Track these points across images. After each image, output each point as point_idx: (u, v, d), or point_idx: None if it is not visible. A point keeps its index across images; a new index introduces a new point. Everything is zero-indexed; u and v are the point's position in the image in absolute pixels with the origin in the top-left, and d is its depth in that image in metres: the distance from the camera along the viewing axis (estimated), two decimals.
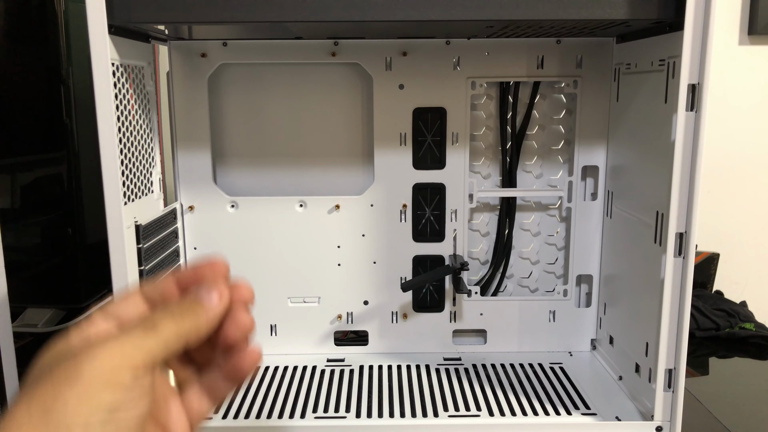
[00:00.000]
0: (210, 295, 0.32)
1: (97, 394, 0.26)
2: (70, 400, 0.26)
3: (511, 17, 0.53)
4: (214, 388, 0.34)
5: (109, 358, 0.27)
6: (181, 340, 0.30)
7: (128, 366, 0.27)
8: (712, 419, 0.68)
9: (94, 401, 0.26)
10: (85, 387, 0.26)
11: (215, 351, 0.34)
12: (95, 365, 0.27)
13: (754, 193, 1.11)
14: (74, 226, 0.83)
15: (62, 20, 0.78)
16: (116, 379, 0.27)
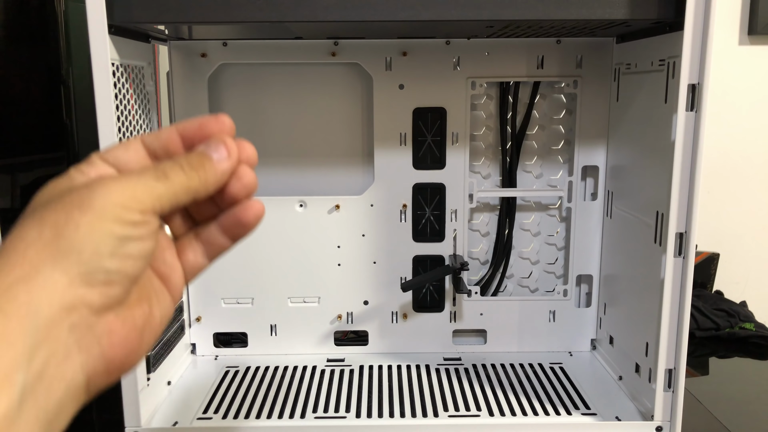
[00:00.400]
0: (219, 151, 0.32)
1: (109, 224, 0.26)
2: (81, 225, 0.26)
3: (511, 17, 0.53)
4: (211, 243, 0.34)
5: (121, 194, 0.27)
6: (190, 194, 0.30)
7: (138, 206, 0.27)
8: (712, 419, 0.68)
9: (105, 230, 0.26)
10: (97, 215, 0.26)
11: (215, 207, 0.34)
12: (107, 198, 0.26)
13: (754, 193, 1.11)
14: None
15: (62, 20, 0.78)
16: (127, 216, 0.27)
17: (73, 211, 0.26)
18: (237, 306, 0.76)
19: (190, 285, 0.76)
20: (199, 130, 0.34)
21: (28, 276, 0.25)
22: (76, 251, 0.25)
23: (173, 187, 0.29)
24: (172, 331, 0.70)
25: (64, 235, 0.26)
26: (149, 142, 0.32)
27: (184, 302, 0.75)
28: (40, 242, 0.25)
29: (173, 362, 0.70)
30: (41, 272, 0.25)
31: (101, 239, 0.26)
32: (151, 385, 0.63)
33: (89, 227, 0.26)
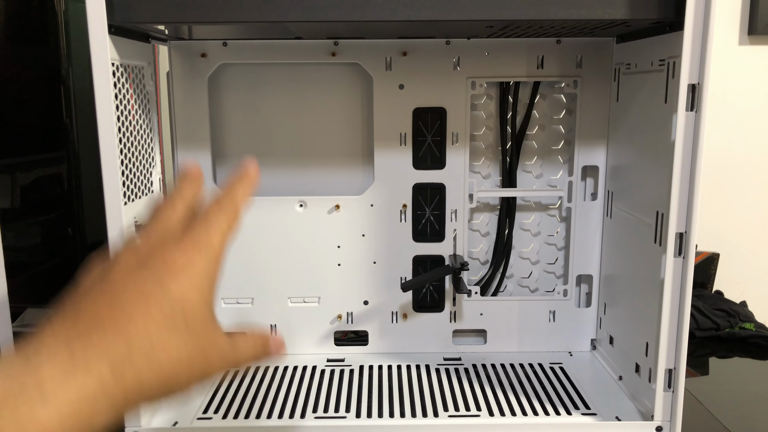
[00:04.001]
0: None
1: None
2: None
3: (511, 17, 0.53)
4: None
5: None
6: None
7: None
8: (712, 419, 0.68)
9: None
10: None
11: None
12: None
13: (754, 193, 1.11)
14: (74, 226, 0.83)
15: (62, 20, 0.78)
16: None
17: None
18: (237, 306, 0.76)
19: None
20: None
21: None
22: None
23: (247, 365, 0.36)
24: None
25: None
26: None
27: None
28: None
29: None
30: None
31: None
32: None
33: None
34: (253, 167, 0.39)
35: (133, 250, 0.33)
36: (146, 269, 0.31)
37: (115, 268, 0.32)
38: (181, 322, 0.31)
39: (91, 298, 0.30)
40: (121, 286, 0.30)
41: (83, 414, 0.26)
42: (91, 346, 0.28)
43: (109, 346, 0.28)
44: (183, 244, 0.33)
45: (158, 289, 0.30)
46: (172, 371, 0.30)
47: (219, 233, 0.34)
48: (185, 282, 0.31)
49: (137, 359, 0.28)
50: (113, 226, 0.55)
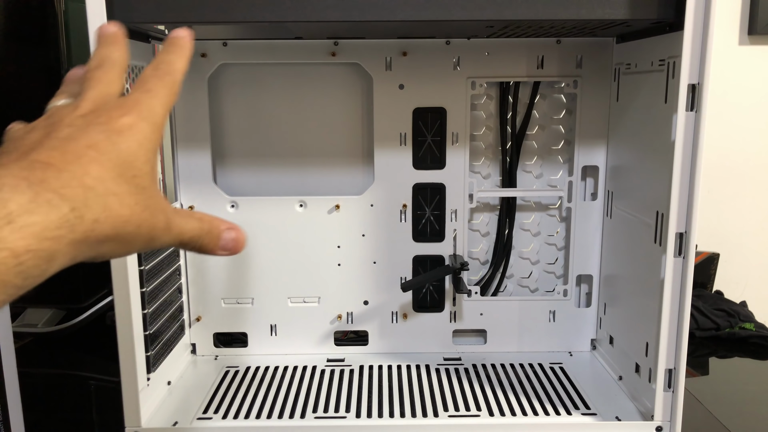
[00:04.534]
0: (228, 239, 0.36)
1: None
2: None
3: (511, 17, 0.53)
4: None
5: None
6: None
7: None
8: (712, 419, 0.68)
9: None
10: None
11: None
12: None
13: (754, 193, 1.11)
14: None
15: (62, 20, 0.78)
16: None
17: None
18: (237, 306, 0.76)
19: (190, 285, 0.76)
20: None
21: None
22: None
23: (188, 247, 0.35)
24: (172, 331, 0.70)
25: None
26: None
27: (184, 302, 0.75)
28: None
29: (173, 362, 0.70)
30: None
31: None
32: (151, 385, 0.63)
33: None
34: (184, 31, 0.38)
35: (74, 107, 0.33)
36: (92, 125, 0.31)
37: (59, 121, 0.32)
38: (129, 175, 0.31)
39: (39, 145, 0.30)
40: (70, 136, 0.30)
41: (45, 248, 0.26)
42: (50, 187, 0.27)
43: (67, 188, 0.28)
44: (126, 106, 0.33)
45: (107, 143, 0.30)
46: (122, 222, 0.30)
47: (159, 101, 0.34)
48: (132, 140, 0.31)
49: (93, 204, 0.28)
50: None
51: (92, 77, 0.36)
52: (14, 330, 0.64)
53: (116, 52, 0.38)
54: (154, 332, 0.64)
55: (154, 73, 0.36)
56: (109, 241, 0.30)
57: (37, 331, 0.85)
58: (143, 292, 0.61)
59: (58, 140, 0.30)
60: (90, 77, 0.36)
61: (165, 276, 0.68)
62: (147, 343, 0.62)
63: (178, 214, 0.34)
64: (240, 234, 0.36)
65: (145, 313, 0.62)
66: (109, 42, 0.39)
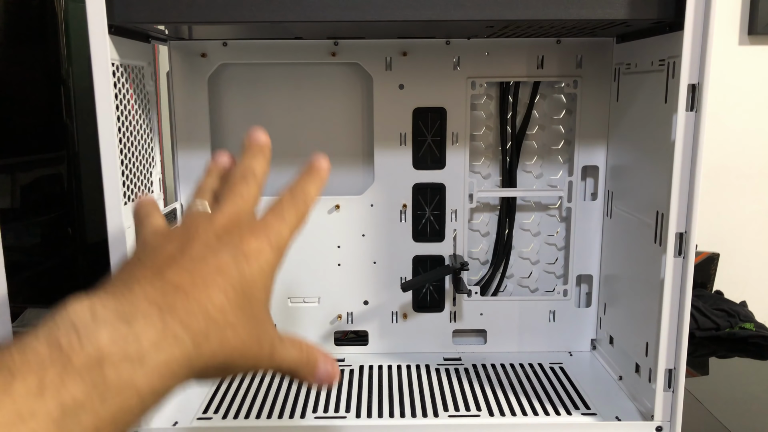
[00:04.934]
0: (322, 372, 0.38)
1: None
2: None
3: (511, 17, 0.53)
4: None
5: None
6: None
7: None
8: (712, 419, 0.68)
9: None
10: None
11: None
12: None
13: (754, 193, 1.11)
14: (74, 226, 0.83)
15: (62, 20, 0.78)
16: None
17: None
18: None
19: None
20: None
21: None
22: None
23: (286, 374, 0.37)
24: None
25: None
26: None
27: None
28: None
29: None
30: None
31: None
32: None
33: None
34: (325, 162, 0.40)
35: (210, 221, 0.34)
36: (224, 245, 0.32)
37: (195, 236, 0.33)
38: (247, 304, 0.31)
39: (174, 262, 0.31)
40: (201, 258, 0.31)
41: (165, 385, 0.27)
42: (177, 316, 0.28)
43: (192, 319, 0.28)
44: (257, 230, 0.34)
45: (234, 267, 0.31)
46: (233, 354, 0.30)
47: (288, 229, 0.36)
48: (256, 266, 0.32)
49: (213, 337, 0.29)
50: (113, 226, 0.55)
51: (234, 190, 0.37)
52: (14, 330, 0.64)
53: (261, 165, 0.40)
54: None
55: (290, 201, 0.38)
56: (215, 370, 0.30)
57: None
58: None
59: (190, 260, 0.31)
60: (232, 189, 0.37)
61: None
62: None
63: (283, 343, 0.35)
64: (335, 368, 0.37)
65: None
66: (256, 152, 0.41)
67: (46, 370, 0.24)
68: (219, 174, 0.40)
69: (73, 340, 0.25)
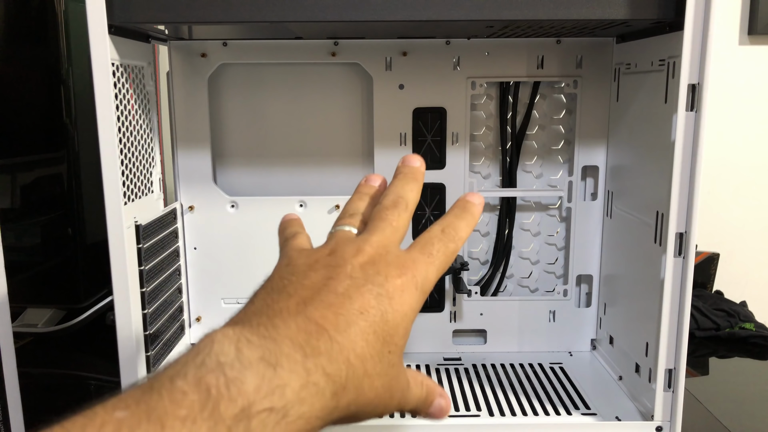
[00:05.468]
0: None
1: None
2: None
3: (511, 17, 0.53)
4: None
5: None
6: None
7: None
8: (712, 419, 0.68)
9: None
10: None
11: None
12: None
13: (755, 193, 1.11)
14: (74, 226, 0.83)
15: (62, 20, 0.78)
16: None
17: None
18: (237, 306, 0.76)
19: (190, 285, 0.76)
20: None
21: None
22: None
23: (408, 411, 0.34)
24: (172, 331, 0.70)
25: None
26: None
27: (184, 302, 0.75)
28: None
29: None
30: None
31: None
32: None
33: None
34: (479, 198, 0.38)
35: (357, 249, 0.33)
36: (369, 280, 0.31)
37: (341, 265, 0.32)
38: (385, 352, 0.30)
39: (317, 296, 0.30)
40: (346, 294, 0.30)
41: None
42: (320, 363, 0.27)
43: (333, 365, 0.27)
44: (404, 267, 0.32)
45: (377, 309, 0.30)
46: (365, 405, 0.29)
47: (435, 269, 0.34)
48: (399, 309, 0.31)
49: (350, 386, 0.28)
50: (113, 226, 0.55)
51: (383, 216, 0.36)
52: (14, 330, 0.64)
53: (413, 192, 0.39)
54: (154, 332, 0.64)
55: (441, 237, 0.37)
56: (341, 420, 0.29)
57: (37, 331, 0.85)
58: (143, 292, 0.61)
59: (335, 295, 0.30)
60: (381, 215, 0.36)
61: (165, 276, 0.68)
62: (147, 343, 0.62)
63: (410, 389, 0.33)
64: (448, 404, 0.36)
65: (145, 313, 0.62)
66: (410, 179, 0.40)
67: (196, 422, 0.23)
68: (370, 196, 0.39)
69: (221, 384, 0.24)
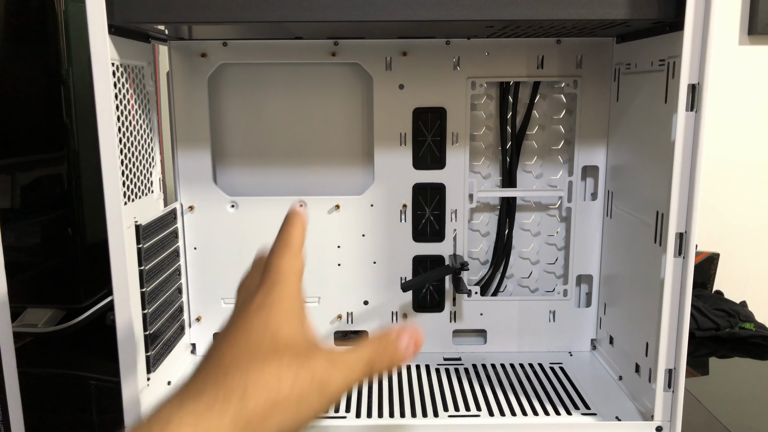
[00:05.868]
0: (408, 344, 0.37)
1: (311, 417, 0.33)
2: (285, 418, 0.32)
3: (511, 17, 0.53)
4: None
5: (342, 388, 0.34)
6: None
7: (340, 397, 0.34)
8: (712, 419, 0.68)
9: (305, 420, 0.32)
10: (326, 401, 0.33)
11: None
12: (324, 403, 0.33)
13: (754, 193, 1.11)
14: (74, 226, 0.83)
15: (62, 20, 0.78)
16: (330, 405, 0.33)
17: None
18: None
19: (190, 285, 0.76)
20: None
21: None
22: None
23: (371, 374, 0.35)
24: (172, 331, 0.70)
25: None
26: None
27: (184, 302, 0.75)
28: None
29: (173, 362, 0.70)
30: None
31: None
32: (151, 385, 0.63)
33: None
34: (298, 210, 0.43)
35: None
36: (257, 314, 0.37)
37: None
38: (280, 352, 0.33)
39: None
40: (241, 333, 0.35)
41: None
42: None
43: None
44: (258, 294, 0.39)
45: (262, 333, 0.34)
46: (281, 399, 0.31)
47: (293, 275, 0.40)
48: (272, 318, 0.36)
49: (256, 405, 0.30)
50: (113, 226, 0.55)
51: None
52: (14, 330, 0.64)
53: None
54: (154, 332, 0.64)
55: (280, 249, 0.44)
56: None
57: (37, 331, 0.85)
58: (143, 292, 0.61)
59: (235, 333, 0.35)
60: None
61: (165, 276, 0.68)
62: (147, 343, 0.62)
63: (340, 351, 0.34)
64: (416, 333, 0.36)
65: (145, 313, 0.62)
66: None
67: None
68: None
69: None
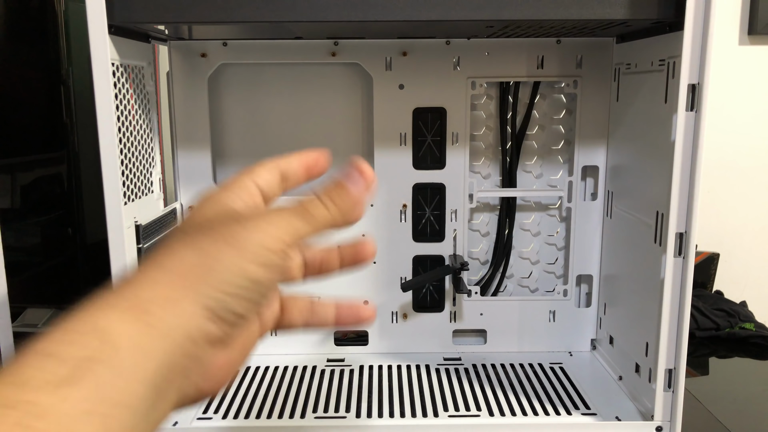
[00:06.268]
0: (357, 183, 0.35)
1: (250, 266, 0.28)
2: (225, 260, 0.27)
3: (511, 17, 0.53)
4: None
5: (269, 234, 0.29)
6: (328, 228, 0.33)
7: (281, 247, 0.29)
8: (712, 419, 0.68)
9: (245, 270, 0.28)
10: (242, 255, 0.28)
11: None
12: (256, 238, 0.28)
13: (754, 193, 1.11)
14: (74, 226, 0.83)
15: (62, 20, 0.78)
16: (268, 258, 0.28)
17: (222, 246, 0.27)
18: None
19: None
20: (318, 165, 0.38)
21: (167, 299, 0.26)
22: (212, 286, 0.27)
23: (316, 224, 0.32)
24: None
25: (206, 266, 0.27)
26: (283, 168, 0.36)
27: None
28: (183, 266, 0.27)
29: None
30: (178, 299, 0.26)
31: (238, 279, 0.27)
32: None
33: (231, 264, 0.27)
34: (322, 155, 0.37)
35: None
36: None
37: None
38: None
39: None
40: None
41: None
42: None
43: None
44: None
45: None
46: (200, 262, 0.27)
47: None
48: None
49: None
50: (113, 226, 0.55)
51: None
52: (14, 330, 0.64)
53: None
54: None
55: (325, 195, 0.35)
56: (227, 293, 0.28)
57: (37, 331, 0.85)
58: None
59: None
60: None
61: None
62: None
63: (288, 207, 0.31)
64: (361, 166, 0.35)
65: None
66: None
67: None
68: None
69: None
